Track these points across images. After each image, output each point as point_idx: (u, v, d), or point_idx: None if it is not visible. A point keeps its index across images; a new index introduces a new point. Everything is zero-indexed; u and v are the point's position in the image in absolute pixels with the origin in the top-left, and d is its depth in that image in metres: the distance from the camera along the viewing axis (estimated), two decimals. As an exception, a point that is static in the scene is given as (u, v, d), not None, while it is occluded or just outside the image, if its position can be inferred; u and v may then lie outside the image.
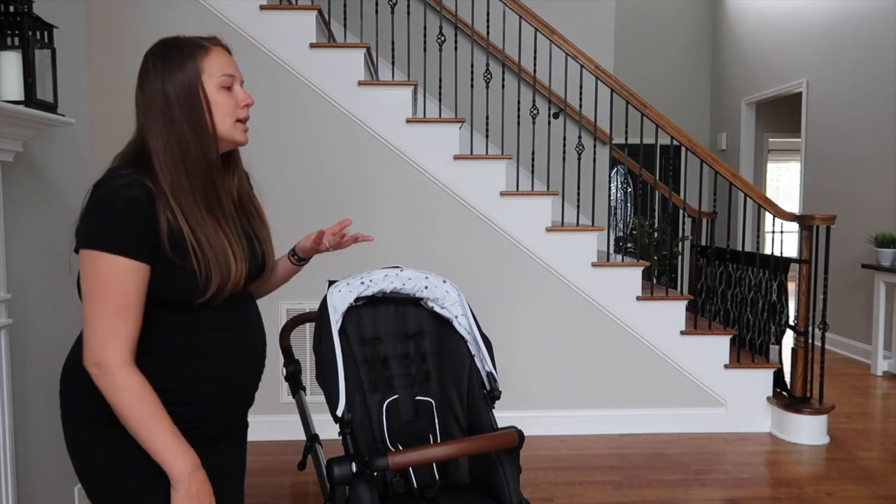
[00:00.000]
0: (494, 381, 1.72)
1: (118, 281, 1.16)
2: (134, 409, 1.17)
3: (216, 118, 1.28)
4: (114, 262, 1.15)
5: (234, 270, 1.26)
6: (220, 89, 1.28)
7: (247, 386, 1.40)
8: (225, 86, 1.29)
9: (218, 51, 1.30)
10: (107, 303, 1.16)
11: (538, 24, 3.59)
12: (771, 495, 2.86)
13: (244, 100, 1.32)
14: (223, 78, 1.28)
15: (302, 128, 3.40)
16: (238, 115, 1.31)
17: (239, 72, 1.33)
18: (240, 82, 1.33)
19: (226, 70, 1.29)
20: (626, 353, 3.57)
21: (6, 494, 1.83)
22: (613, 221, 6.04)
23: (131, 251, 1.16)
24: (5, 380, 1.83)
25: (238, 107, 1.31)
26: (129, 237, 1.17)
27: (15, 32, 1.83)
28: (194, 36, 1.31)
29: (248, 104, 1.32)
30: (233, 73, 1.30)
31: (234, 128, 1.31)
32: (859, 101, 5.33)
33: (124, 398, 1.17)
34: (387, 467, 1.40)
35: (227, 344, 1.32)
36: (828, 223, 3.43)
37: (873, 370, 4.89)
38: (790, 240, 8.96)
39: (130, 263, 1.16)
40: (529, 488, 2.85)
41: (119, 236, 1.16)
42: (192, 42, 1.28)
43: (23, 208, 2.01)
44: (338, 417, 1.55)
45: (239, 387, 1.37)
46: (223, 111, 1.28)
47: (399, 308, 1.85)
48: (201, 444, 1.30)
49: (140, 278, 1.18)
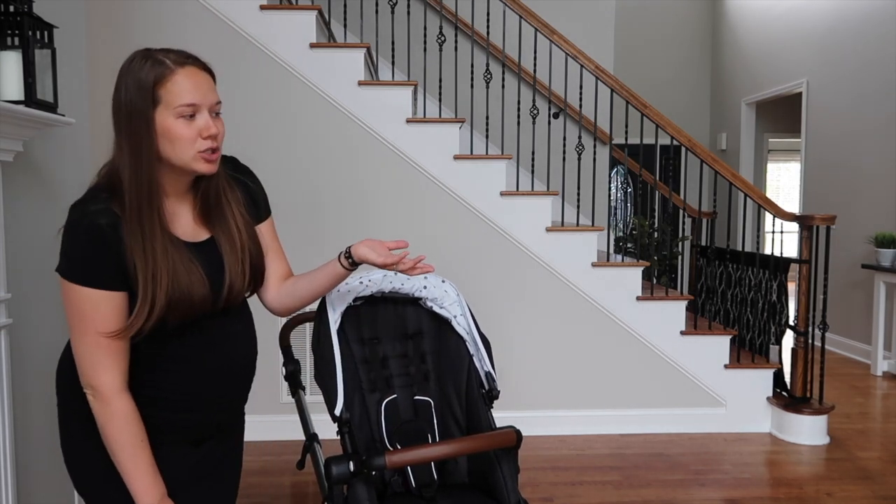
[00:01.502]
0: (493, 381, 1.72)
1: (90, 310, 1.18)
2: (121, 435, 1.21)
3: (170, 149, 1.21)
4: (83, 293, 1.17)
5: (174, 294, 1.19)
6: (178, 119, 1.20)
7: (230, 397, 1.39)
8: (184, 115, 1.20)
9: (184, 73, 1.20)
10: (85, 331, 1.18)
11: (538, 24, 3.59)
12: (771, 495, 2.86)
13: (205, 130, 1.21)
14: (181, 108, 1.19)
15: (302, 128, 3.40)
16: (198, 146, 1.21)
17: (209, 96, 1.23)
18: (208, 108, 1.23)
19: (185, 99, 1.19)
20: (626, 353, 3.57)
21: (6, 495, 1.83)
22: (613, 221, 6.04)
23: (98, 282, 1.17)
24: (5, 380, 1.83)
25: (199, 137, 1.21)
26: (94, 269, 1.17)
27: (15, 32, 1.83)
28: (167, 51, 1.23)
29: (211, 135, 1.22)
30: (194, 102, 1.20)
31: (195, 159, 1.22)
32: (859, 102, 5.33)
33: (115, 424, 1.20)
34: (384, 466, 1.40)
35: (202, 362, 1.30)
36: (828, 223, 3.43)
37: (873, 370, 4.89)
38: (790, 240, 8.95)
39: (98, 294, 1.17)
40: (529, 488, 2.85)
41: (83, 269, 1.17)
42: (157, 62, 1.20)
43: (23, 208, 2.01)
44: (336, 417, 1.55)
45: (220, 399, 1.36)
46: (180, 143, 1.20)
47: (398, 308, 1.85)
48: (185, 442, 1.32)
49: (114, 305, 1.19)
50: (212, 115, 1.24)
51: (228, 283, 1.29)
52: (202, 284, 1.24)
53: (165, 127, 1.20)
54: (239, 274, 1.32)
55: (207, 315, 1.28)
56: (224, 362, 1.34)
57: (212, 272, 1.27)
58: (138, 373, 1.25)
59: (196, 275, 1.23)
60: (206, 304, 1.25)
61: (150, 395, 1.27)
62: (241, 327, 1.39)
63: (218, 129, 1.25)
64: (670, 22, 7.76)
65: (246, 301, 1.43)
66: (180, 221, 1.30)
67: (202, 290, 1.24)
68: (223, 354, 1.33)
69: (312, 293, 1.46)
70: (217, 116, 1.26)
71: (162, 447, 1.28)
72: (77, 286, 1.17)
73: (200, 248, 1.29)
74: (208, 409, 1.34)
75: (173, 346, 1.26)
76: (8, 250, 1.89)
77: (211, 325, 1.30)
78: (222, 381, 1.35)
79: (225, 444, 1.43)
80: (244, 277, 1.33)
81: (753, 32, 6.98)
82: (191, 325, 1.26)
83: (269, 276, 1.45)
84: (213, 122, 1.23)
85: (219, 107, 1.27)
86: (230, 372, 1.36)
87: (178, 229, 1.28)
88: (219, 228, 1.32)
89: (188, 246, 1.27)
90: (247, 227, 1.36)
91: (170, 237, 1.23)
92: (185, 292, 1.21)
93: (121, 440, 1.21)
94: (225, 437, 1.43)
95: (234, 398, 1.40)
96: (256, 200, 1.43)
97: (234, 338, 1.36)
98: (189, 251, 1.26)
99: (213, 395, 1.33)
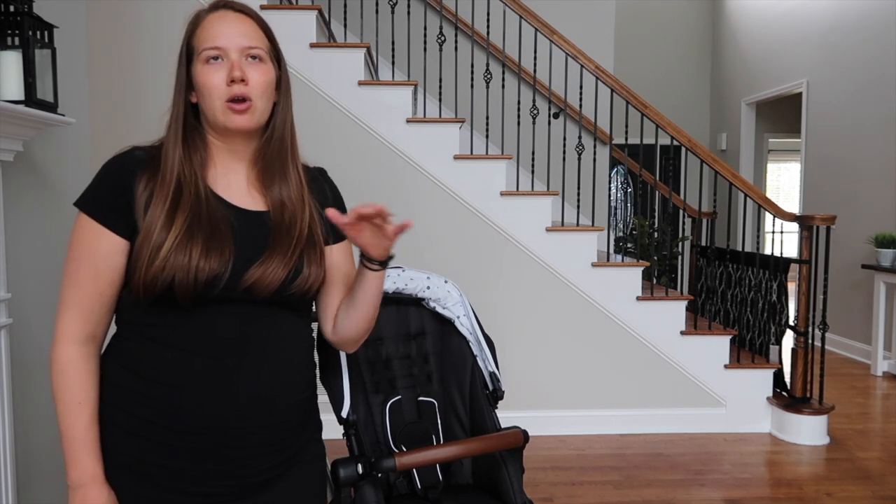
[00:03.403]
0: (497, 382, 1.72)
1: (78, 241, 1.06)
2: (58, 389, 1.06)
3: (202, 102, 1.09)
4: (80, 219, 1.07)
5: (171, 263, 1.01)
6: (205, 66, 1.07)
7: (236, 437, 1.09)
8: (209, 59, 1.07)
9: (213, 18, 1.09)
10: (70, 263, 1.07)
11: (538, 24, 3.58)
12: (771, 495, 2.86)
13: (230, 74, 1.06)
14: (205, 53, 1.07)
15: (301, 128, 3.36)
16: (223, 95, 1.07)
17: (237, 40, 1.08)
18: (239, 51, 1.08)
19: (208, 43, 1.07)
20: (626, 353, 3.57)
21: (6, 495, 1.83)
22: (613, 221, 6.04)
23: (92, 209, 1.06)
24: (5, 380, 1.82)
25: (224, 84, 1.07)
26: (97, 198, 1.07)
27: (15, 32, 1.82)
28: (216, 2, 1.13)
29: (234, 78, 1.06)
30: (217, 45, 1.07)
31: (224, 111, 1.08)
32: (859, 102, 5.33)
33: (53, 374, 1.06)
34: (394, 468, 1.39)
35: (204, 377, 1.07)
36: (828, 223, 3.43)
37: (873, 370, 4.89)
38: (790, 240, 8.96)
39: (91, 223, 1.06)
40: (529, 488, 2.85)
41: (88, 195, 1.08)
42: (195, 15, 1.12)
43: (23, 208, 2.01)
44: (342, 419, 1.55)
45: (221, 436, 1.08)
46: (207, 92, 1.07)
47: (401, 309, 1.85)
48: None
49: (103, 246, 1.05)
50: (243, 59, 1.08)
51: (262, 270, 1.07)
52: (220, 253, 1.04)
53: (197, 78, 1.08)
54: (280, 264, 1.09)
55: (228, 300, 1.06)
56: (242, 391, 1.09)
57: (246, 247, 1.08)
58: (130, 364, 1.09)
59: (220, 241, 1.05)
60: (215, 278, 1.03)
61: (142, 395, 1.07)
62: (273, 352, 1.12)
63: (249, 72, 1.07)
64: (670, 22, 7.76)
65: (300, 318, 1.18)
66: (228, 181, 1.13)
67: (219, 260, 1.04)
68: (242, 380, 1.09)
69: (365, 312, 1.20)
70: (256, 62, 1.09)
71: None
72: (80, 213, 1.07)
73: (246, 216, 1.11)
74: (206, 453, 1.08)
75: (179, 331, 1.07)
76: (8, 250, 1.89)
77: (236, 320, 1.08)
78: (225, 416, 1.08)
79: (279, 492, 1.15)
80: (285, 267, 1.09)
81: (753, 32, 6.98)
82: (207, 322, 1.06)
83: (328, 307, 1.23)
84: (242, 67, 1.07)
85: (256, 51, 1.09)
86: (242, 404, 1.09)
87: (225, 190, 1.12)
88: (277, 196, 1.14)
89: (229, 207, 1.10)
90: (311, 221, 1.17)
91: (206, 190, 1.09)
92: (169, 259, 1.02)
93: (58, 395, 1.05)
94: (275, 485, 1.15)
95: (242, 444, 1.11)
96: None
97: (261, 361, 1.10)
98: (227, 210, 1.09)
99: (213, 430, 1.08)
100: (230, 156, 1.15)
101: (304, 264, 1.12)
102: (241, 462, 1.10)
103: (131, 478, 1.09)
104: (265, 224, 1.12)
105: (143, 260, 1.02)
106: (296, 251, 1.11)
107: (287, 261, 1.10)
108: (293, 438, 1.17)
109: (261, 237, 1.11)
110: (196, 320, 1.05)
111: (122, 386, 1.09)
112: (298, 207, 1.16)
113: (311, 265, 1.13)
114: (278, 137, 1.17)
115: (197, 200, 1.07)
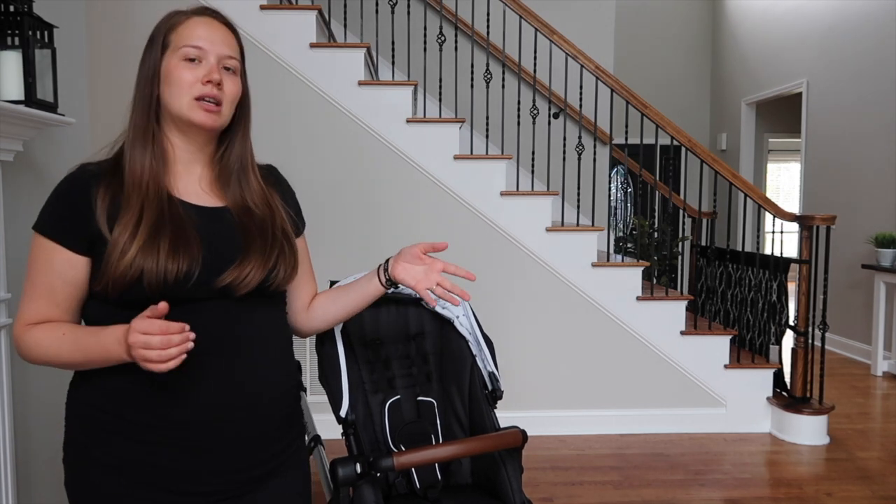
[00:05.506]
0: (496, 382, 1.72)
1: (35, 260, 1.11)
2: (39, 346, 1.09)
3: (167, 93, 1.13)
4: (35, 240, 1.12)
5: (139, 264, 1.04)
6: (181, 61, 1.12)
7: (228, 433, 1.12)
8: (188, 57, 1.12)
9: (198, 21, 1.15)
10: (27, 280, 1.12)
11: (538, 24, 3.58)
12: (771, 495, 2.86)
13: (207, 75, 1.12)
14: (185, 49, 1.12)
15: (302, 128, 3.40)
16: (195, 91, 1.12)
17: (219, 47, 1.15)
18: (217, 58, 1.14)
19: (190, 41, 1.13)
20: (626, 353, 3.57)
21: (6, 495, 1.83)
22: (613, 221, 6.04)
23: (47, 230, 1.10)
24: (5, 380, 1.82)
25: (199, 83, 1.12)
26: (52, 218, 1.11)
27: (15, 32, 1.83)
28: (195, 8, 1.19)
29: (212, 80, 1.12)
30: (199, 45, 1.13)
31: (191, 107, 1.12)
32: (859, 101, 5.33)
33: (25, 349, 1.10)
34: (393, 468, 1.39)
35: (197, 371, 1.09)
36: (828, 223, 3.43)
37: (873, 370, 4.89)
38: (790, 240, 8.96)
39: (47, 243, 1.10)
40: (529, 488, 2.85)
41: (44, 216, 1.12)
42: (176, 13, 1.17)
43: (23, 208, 2.01)
44: (341, 418, 1.55)
45: (213, 435, 1.11)
46: (178, 86, 1.12)
47: (400, 309, 1.85)
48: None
49: (60, 265, 1.09)
50: (220, 67, 1.15)
51: (238, 271, 1.12)
52: (187, 252, 1.08)
53: (168, 69, 1.13)
54: (259, 265, 1.14)
55: (225, 308, 1.12)
56: (228, 382, 1.13)
57: (213, 243, 1.12)
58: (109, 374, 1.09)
59: (186, 239, 1.09)
60: (185, 276, 1.07)
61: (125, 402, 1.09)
62: (257, 342, 1.18)
63: (224, 80, 1.14)
64: (670, 22, 7.76)
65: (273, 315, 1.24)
66: (186, 181, 1.18)
67: (187, 258, 1.08)
68: (227, 370, 1.13)
69: (347, 313, 1.36)
70: (229, 72, 1.17)
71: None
72: (35, 234, 1.11)
73: (206, 213, 1.16)
74: (198, 452, 1.10)
75: None
76: (8, 250, 1.89)
77: (219, 321, 1.12)
78: (221, 408, 1.12)
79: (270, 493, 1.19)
80: (263, 269, 1.14)
81: (753, 32, 6.98)
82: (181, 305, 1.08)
83: (298, 298, 1.33)
84: (220, 73, 1.14)
85: (232, 63, 1.16)
86: (236, 394, 1.14)
87: (184, 190, 1.17)
88: (237, 197, 1.19)
89: (190, 207, 1.15)
90: (282, 221, 1.24)
91: (167, 193, 1.13)
92: (135, 258, 1.05)
93: (40, 350, 1.09)
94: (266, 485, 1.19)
95: (233, 440, 1.14)
96: (290, 213, 1.33)
97: (241, 352, 1.15)
98: (188, 210, 1.14)
99: (207, 427, 1.11)
100: (188, 156, 1.19)
101: (279, 263, 1.18)
102: (226, 457, 1.13)
103: (119, 479, 1.10)
104: (226, 219, 1.17)
105: (111, 265, 1.05)
106: (272, 252, 1.17)
107: (265, 261, 1.15)
108: (279, 434, 1.20)
109: (226, 231, 1.16)
110: (174, 319, 1.04)
111: (103, 387, 1.11)
112: (266, 211, 1.22)
113: (286, 262, 1.20)
114: (238, 154, 1.22)
115: (160, 203, 1.11)
